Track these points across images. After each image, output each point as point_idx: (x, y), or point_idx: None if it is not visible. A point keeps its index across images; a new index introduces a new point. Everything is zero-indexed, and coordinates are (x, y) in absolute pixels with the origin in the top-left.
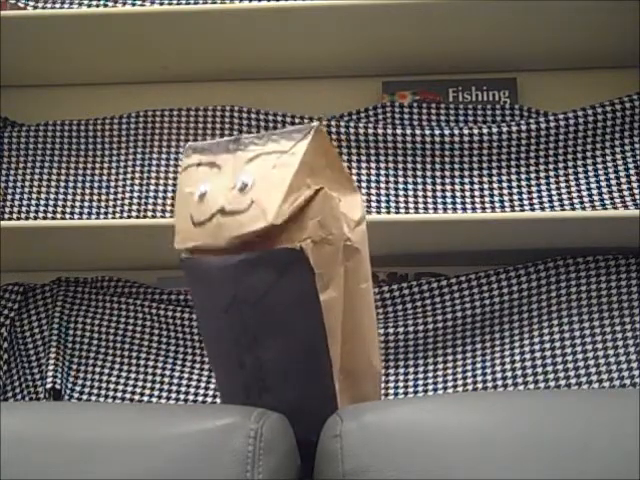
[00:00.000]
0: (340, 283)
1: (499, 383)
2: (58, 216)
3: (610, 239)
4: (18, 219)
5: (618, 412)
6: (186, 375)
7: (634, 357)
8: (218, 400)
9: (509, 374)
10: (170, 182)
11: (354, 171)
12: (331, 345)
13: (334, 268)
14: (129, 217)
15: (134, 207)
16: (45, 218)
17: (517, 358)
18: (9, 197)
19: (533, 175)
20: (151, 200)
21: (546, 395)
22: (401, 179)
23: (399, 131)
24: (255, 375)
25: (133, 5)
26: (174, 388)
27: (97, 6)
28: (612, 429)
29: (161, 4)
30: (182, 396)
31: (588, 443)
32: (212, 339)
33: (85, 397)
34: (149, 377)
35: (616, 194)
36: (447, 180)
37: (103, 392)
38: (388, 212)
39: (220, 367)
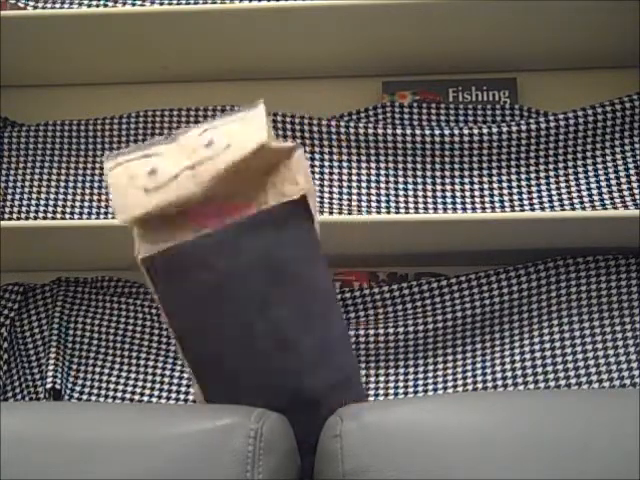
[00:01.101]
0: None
1: (499, 383)
2: (58, 216)
3: (610, 239)
4: (18, 219)
5: (618, 412)
6: (186, 375)
7: (634, 357)
8: None
9: (509, 374)
10: None
11: (354, 171)
12: None
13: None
14: None
15: None
16: (45, 218)
17: (517, 358)
18: (9, 197)
19: (533, 175)
20: None
21: (546, 395)
22: (401, 179)
23: (399, 131)
24: (273, 336)
25: (133, 5)
26: (174, 388)
27: (97, 6)
28: (612, 429)
29: (161, 4)
30: (182, 396)
31: (588, 443)
32: (209, 326)
33: (85, 397)
34: (149, 377)
35: (616, 194)
36: (447, 180)
37: (103, 392)
38: (388, 212)
39: (227, 352)
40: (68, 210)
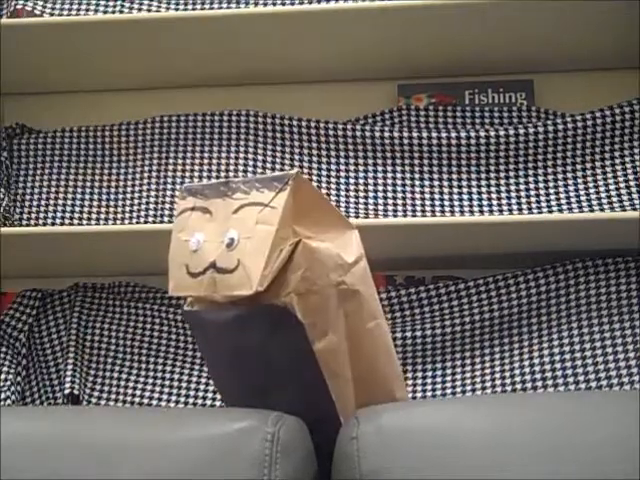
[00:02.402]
0: (341, 327)
1: (518, 387)
2: (75, 222)
3: (631, 241)
4: (35, 225)
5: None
6: (203, 380)
7: None
8: None
9: (528, 377)
10: None
11: (370, 174)
12: (341, 388)
13: (328, 314)
14: (145, 222)
15: (150, 212)
16: (62, 224)
17: (536, 361)
18: (26, 203)
19: (551, 177)
20: (167, 205)
21: (564, 398)
22: (417, 182)
23: (415, 134)
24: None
25: (149, 11)
26: (191, 393)
27: (113, 12)
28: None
29: (176, 10)
30: (199, 401)
31: (609, 446)
32: (220, 376)
33: (103, 402)
34: (166, 382)
35: (635, 195)
36: (463, 183)
37: (121, 397)
38: (405, 215)
39: (229, 393)
40: (85, 216)
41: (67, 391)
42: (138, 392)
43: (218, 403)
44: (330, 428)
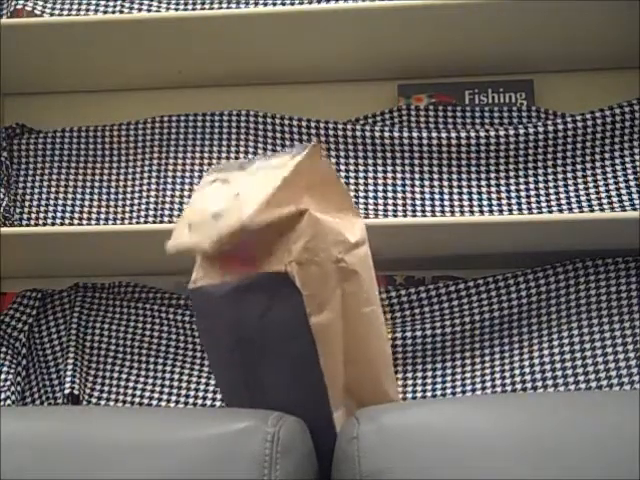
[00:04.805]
0: (337, 305)
1: (518, 387)
2: (75, 222)
3: (631, 241)
4: (35, 225)
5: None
6: (203, 380)
7: None
8: None
9: (528, 377)
10: (187, 187)
11: (370, 174)
12: (332, 365)
13: (326, 290)
14: (146, 222)
15: (151, 212)
16: (62, 224)
17: (536, 361)
18: (26, 203)
19: (551, 177)
20: (167, 205)
21: (564, 398)
22: (417, 182)
23: (415, 134)
24: (258, 394)
25: (149, 11)
26: (191, 393)
27: (113, 12)
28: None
29: (176, 10)
30: (199, 401)
31: (609, 446)
32: (219, 364)
33: (103, 402)
34: (167, 382)
35: (635, 195)
36: (463, 183)
37: (121, 397)
38: (404, 215)
39: (227, 385)
40: (85, 216)
41: (67, 391)
42: (138, 392)
43: (218, 403)
44: (320, 409)
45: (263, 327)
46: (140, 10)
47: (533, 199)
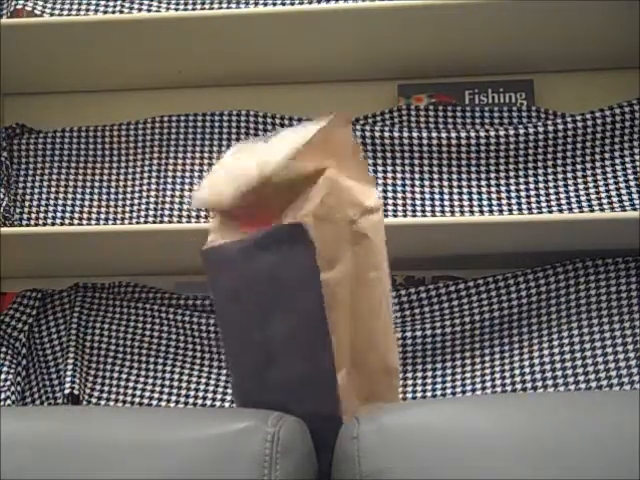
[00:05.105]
0: (347, 265)
1: (518, 387)
2: (75, 222)
3: (631, 241)
4: (35, 225)
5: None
6: (203, 380)
7: None
8: (235, 405)
9: (528, 377)
10: (187, 187)
11: (370, 174)
12: (338, 323)
13: (338, 249)
14: (146, 222)
15: (151, 212)
16: (62, 224)
17: (536, 361)
18: (26, 203)
19: (551, 177)
20: (167, 205)
21: (564, 398)
22: (417, 182)
23: (415, 134)
24: (264, 351)
25: (149, 11)
26: (191, 393)
27: (113, 12)
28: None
29: (176, 10)
30: (199, 401)
31: (609, 446)
32: (228, 323)
33: (103, 402)
34: (167, 382)
35: (635, 195)
36: (463, 183)
37: (121, 397)
38: (404, 215)
39: (235, 351)
40: (85, 216)
41: (67, 391)
42: (138, 392)
43: (218, 403)
44: (324, 365)
45: (275, 278)
46: (140, 10)
47: (533, 199)
